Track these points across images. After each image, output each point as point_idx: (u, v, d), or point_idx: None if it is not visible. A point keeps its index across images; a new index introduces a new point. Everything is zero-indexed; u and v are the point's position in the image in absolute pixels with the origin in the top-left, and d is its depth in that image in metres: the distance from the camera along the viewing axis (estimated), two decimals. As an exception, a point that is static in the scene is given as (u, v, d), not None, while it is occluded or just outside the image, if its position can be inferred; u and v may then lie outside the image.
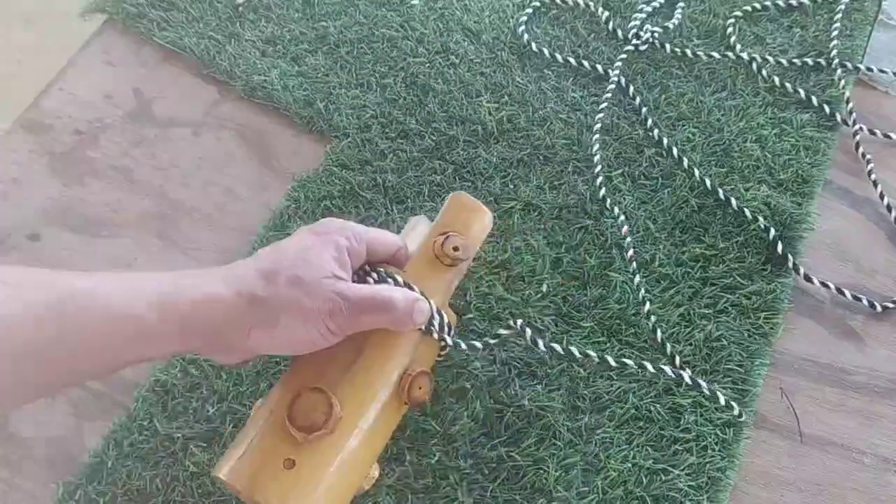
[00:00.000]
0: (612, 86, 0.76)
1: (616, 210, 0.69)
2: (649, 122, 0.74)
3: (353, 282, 0.49)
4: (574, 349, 0.58)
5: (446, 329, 0.52)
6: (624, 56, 0.78)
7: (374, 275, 0.51)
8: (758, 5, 0.83)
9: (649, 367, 0.58)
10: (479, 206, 0.58)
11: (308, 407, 0.47)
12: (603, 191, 0.70)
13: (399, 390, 0.49)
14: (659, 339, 0.63)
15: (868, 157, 0.75)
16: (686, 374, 0.58)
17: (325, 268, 0.47)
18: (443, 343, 0.52)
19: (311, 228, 0.50)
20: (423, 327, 0.51)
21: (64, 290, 0.42)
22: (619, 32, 0.80)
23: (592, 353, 0.58)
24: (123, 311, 0.43)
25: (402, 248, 0.53)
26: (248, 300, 0.45)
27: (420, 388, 0.50)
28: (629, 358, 0.63)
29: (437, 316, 0.51)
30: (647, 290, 0.66)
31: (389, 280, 0.50)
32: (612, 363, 0.59)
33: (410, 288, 0.50)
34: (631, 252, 0.67)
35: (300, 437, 0.46)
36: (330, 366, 0.49)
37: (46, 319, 0.41)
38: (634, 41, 0.79)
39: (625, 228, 0.68)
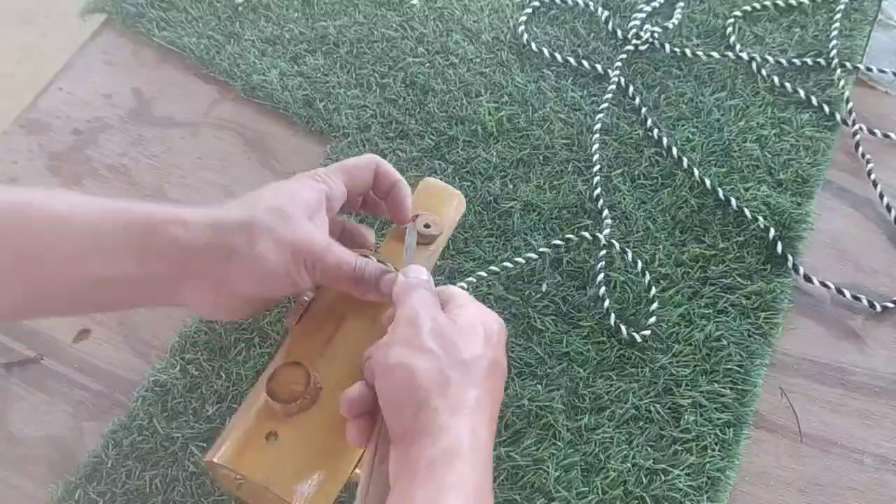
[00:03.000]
0: (613, 86, 0.76)
1: (606, 212, 0.69)
2: (649, 122, 0.74)
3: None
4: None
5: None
6: (624, 56, 0.78)
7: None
8: (757, 5, 0.83)
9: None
10: (448, 188, 0.59)
11: (286, 380, 0.47)
12: (598, 190, 0.70)
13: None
14: (614, 323, 0.63)
15: (868, 156, 0.75)
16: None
17: (308, 202, 0.47)
18: None
19: (307, 172, 0.50)
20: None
21: (23, 195, 0.42)
22: (619, 32, 0.80)
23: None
24: (80, 217, 0.42)
25: (378, 163, 0.52)
26: (213, 221, 0.45)
27: None
28: (629, 359, 0.63)
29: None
30: (610, 291, 0.66)
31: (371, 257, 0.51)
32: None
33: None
34: (603, 253, 0.67)
35: (281, 409, 0.46)
36: (308, 343, 0.49)
37: None
38: (634, 41, 0.79)
39: (606, 231, 0.67)
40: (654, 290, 0.66)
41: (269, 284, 0.47)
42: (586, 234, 0.67)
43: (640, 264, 0.66)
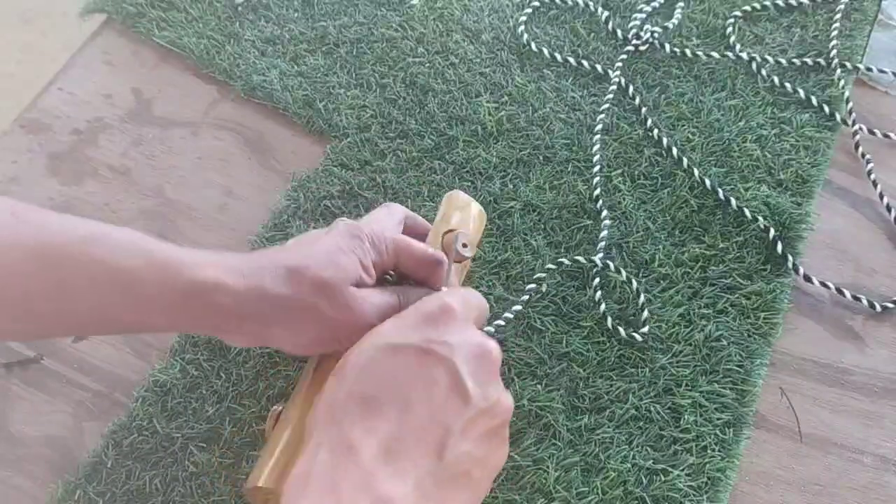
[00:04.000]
0: (613, 87, 0.76)
1: (604, 213, 0.69)
2: (649, 122, 0.74)
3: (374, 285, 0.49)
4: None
5: None
6: (624, 56, 0.78)
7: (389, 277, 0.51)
8: (757, 5, 0.83)
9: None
10: (474, 203, 0.59)
11: None
12: (598, 191, 0.70)
13: None
14: (610, 324, 0.63)
15: (868, 156, 0.75)
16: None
17: (350, 274, 0.46)
18: None
19: (348, 229, 0.49)
20: None
21: (70, 231, 0.41)
22: (619, 32, 0.80)
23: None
24: (124, 266, 0.41)
25: (437, 263, 0.51)
26: (258, 295, 0.44)
27: None
28: (629, 359, 0.63)
29: None
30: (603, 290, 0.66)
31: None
32: None
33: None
34: (602, 251, 0.67)
35: None
36: None
37: (42, 255, 0.40)
38: (634, 41, 0.79)
39: (604, 233, 0.67)
40: (642, 297, 0.66)
41: (309, 350, 0.48)
42: (581, 259, 0.66)
43: (635, 284, 0.66)
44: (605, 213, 0.69)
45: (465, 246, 0.55)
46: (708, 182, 0.71)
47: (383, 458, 0.36)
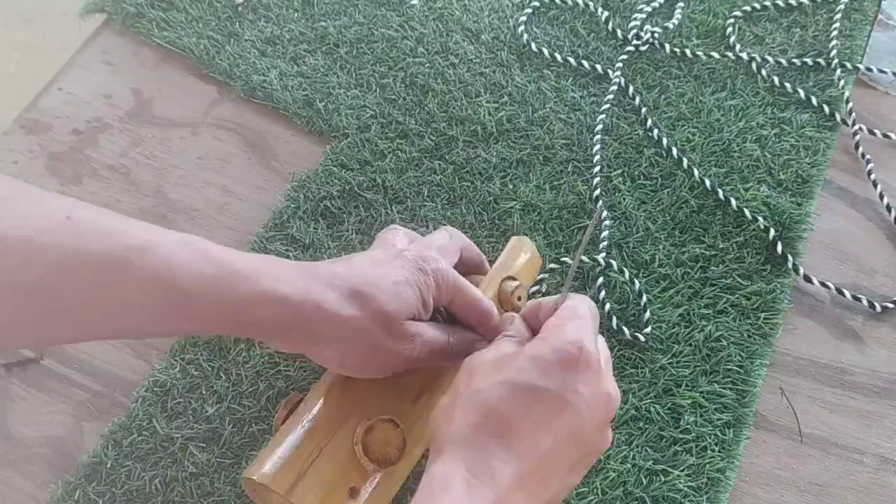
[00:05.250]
0: (614, 87, 0.76)
1: (604, 213, 0.69)
2: (649, 122, 0.74)
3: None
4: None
5: None
6: (624, 57, 0.78)
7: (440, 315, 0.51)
8: (757, 5, 0.83)
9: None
10: (536, 254, 0.59)
11: (383, 440, 0.46)
12: (598, 191, 0.70)
13: None
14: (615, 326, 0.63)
15: (868, 157, 0.75)
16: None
17: (411, 307, 0.46)
18: None
19: (416, 262, 0.48)
20: None
21: (135, 240, 0.40)
22: (619, 33, 0.80)
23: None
24: (178, 276, 0.41)
25: (487, 315, 0.50)
26: (314, 308, 0.44)
27: None
28: (629, 360, 0.63)
29: None
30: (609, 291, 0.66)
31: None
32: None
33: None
34: (603, 255, 0.67)
35: (371, 468, 0.46)
36: (397, 394, 0.49)
37: (97, 264, 0.39)
38: (634, 41, 0.79)
39: (605, 233, 0.67)
40: (644, 298, 0.66)
41: (350, 371, 0.48)
42: (584, 258, 0.66)
43: (637, 284, 0.66)
44: (605, 213, 0.69)
45: (519, 299, 0.54)
46: (708, 182, 0.71)
47: (517, 486, 0.39)
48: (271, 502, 0.48)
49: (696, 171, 0.71)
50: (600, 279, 0.66)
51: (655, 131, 0.74)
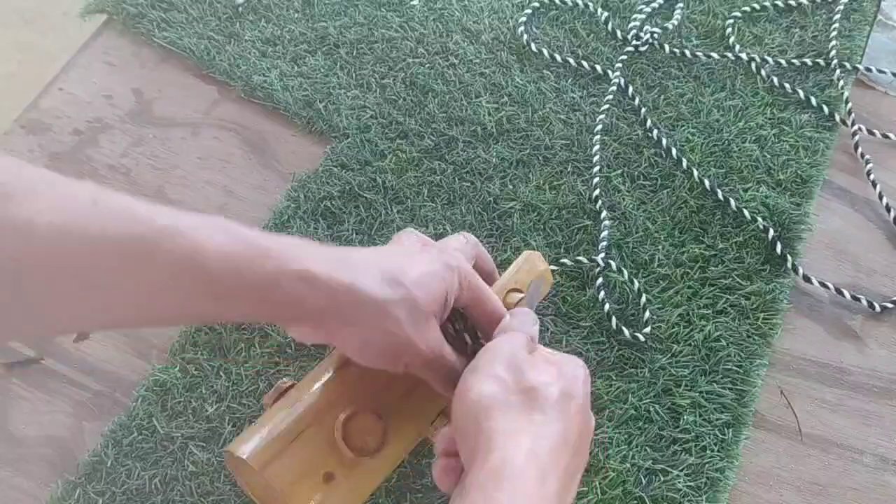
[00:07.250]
0: (614, 87, 0.76)
1: (604, 213, 0.69)
2: (648, 122, 0.74)
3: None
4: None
5: None
6: (624, 57, 0.78)
7: (451, 327, 0.51)
8: (757, 5, 0.83)
9: None
10: (548, 271, 0.59)
11: (363, 429, 0.47)
12: (597, 191, 0.70)
13: (432, 427, 0.50)
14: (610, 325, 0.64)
15: (867, 157, 0.75)
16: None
17: (438, 301, 0.46)
18: None
19: (443, 258, 0.48)
20: None
21: (158, 223, 0.39)
22: (619, 33, 0.80)
23: None
24: (207, 257, 0.40)
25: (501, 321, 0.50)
26: (346, 290, 0.43)
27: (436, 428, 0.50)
28: (628, 360, 0.63)
29: None
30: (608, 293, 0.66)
31: (465, 336, 0.51)
32: None
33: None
34: (603, 253, 0.67)
35: (348, 455, 0.46)
36: (387, 388, 0.49)
37: (123, 248, 0.38)
38: (634, 42, 0.79)
39: (604, 233, 0.68)
40: (644, 298, 0.66)
41: (369, 361, 0.47)
42: (583, 259, 0.67)
43: (636, 284, 0.66)
44: (604, 213, 0.69)
45: None
46: (707, 182, 0.71)
47: (562, 489, 0.41)
48: (249, 479, 0.48)
49: (695, 172, 0.72)
50: (599, 279, 0.66)
51: (655, 132, 0.74)
